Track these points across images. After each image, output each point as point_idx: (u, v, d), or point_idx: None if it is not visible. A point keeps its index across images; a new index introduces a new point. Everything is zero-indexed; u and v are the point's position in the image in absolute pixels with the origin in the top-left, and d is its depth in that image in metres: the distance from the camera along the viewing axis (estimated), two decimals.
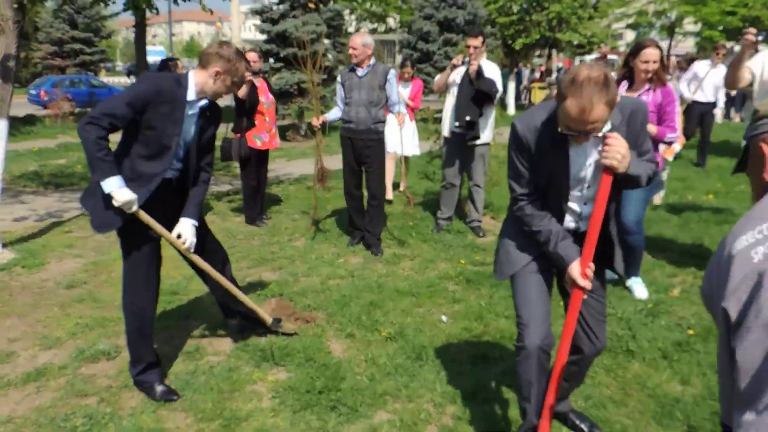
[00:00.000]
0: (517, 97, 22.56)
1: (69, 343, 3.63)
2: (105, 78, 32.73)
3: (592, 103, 1.91)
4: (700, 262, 4.94)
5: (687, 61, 11.48)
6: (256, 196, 6.29)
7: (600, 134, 2.07)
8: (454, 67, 5.44)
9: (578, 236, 2.34)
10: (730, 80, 4.06)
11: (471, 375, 3.25)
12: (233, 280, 3.47)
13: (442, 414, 2.92)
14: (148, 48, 22.06)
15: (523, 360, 2.38)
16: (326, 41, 14.98)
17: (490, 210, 6.52)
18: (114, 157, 2.81)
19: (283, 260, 5.10)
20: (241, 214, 6.43)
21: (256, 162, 6.20)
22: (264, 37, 15.32)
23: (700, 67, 8.73)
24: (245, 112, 6.01)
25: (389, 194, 6.84)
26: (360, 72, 5.18)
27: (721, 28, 17.32)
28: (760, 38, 3.78)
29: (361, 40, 5.06)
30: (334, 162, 6.64)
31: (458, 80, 5.52)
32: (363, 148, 5.23)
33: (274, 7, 14.71)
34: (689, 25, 18.34)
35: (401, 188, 7.03)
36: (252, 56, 6.04)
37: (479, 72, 5.32)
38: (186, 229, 3.06)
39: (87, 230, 6.04)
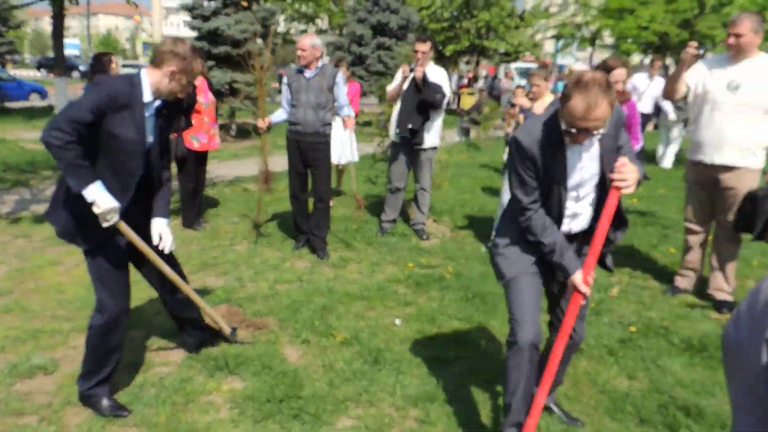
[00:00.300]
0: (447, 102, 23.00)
1: None
2: (12, 71, 30.70)
3: (597, 101, 2.05)
4: (633, 263, 5.19)
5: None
6: (194, 198, 6.08)
7: (598, 135, 2.17)
8: (406, 77, 5.43)
9: (570, 237, 2.45)
10: (669, 91, 4.29)
11: (430, 377, 3.26)
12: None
13: (405, 418, 2.91)
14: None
15: (514, 355, 2.44)
16: (259, 41, 14.71)
17: (432, 213, 6.58)
18: None
19: (227, 265, 4.94)
20: (177, 217, 6.19)
21: (193, 163, 5.99)
22: (194, 34, 14.87)
23: (639, 80, 9.22)
24: (182, 111, 5.79)
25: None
26: (308, 74, 5.10)
27: (630, 40, 18.39)
28: (701, 51, 4.00)
29: (310, 41, 4.99)
30: (272, 164, 6.50)
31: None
32: (310, 151, 5.16)
33: (205, 4, 14.29)
34: (608, 38, 19.35)
35: (354, 193, 6.79)
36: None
37: (425, 79, 5.36)
38: (165, 229, 3.00)
39: (5, 234, 5.65)
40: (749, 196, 3.87)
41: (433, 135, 5.61)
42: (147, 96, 2.77)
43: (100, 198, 2.58)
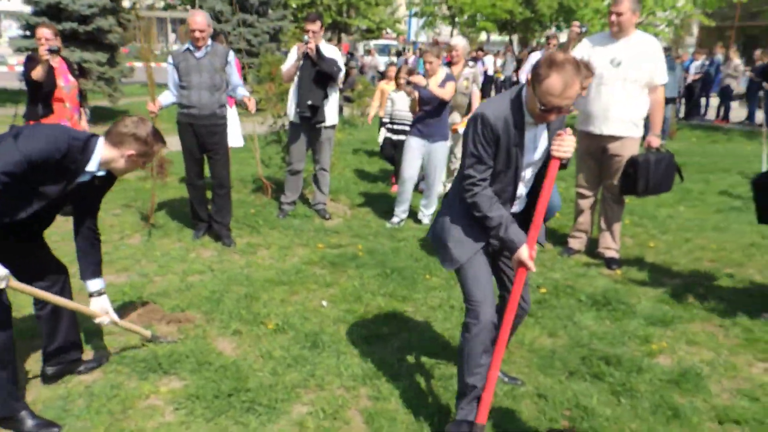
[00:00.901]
0: None
1: None
2: None
3: (573, 80, 2.15)
4: None
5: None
6: None
7: (567, 113, 2.29)
8: (306, 55, 5.30)
9: (514, 216, 2.55)
10: None
11: (370, 355, 3.30)
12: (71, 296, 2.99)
13: (357, 397, 2.94)
14: None
15: (477, 335, 2.48)
16: (111, 18, 13.56)
17: (330, 192, 6.56)
18: None
19: (125, 261, 4.59)
20: None
21: None
22: (28, 8, 13.37)
23: (536, 57, 9.76)
24: (41, 97, 5.22)
25: None
26: (198, 53, 4.83)
27: (481, 17, 19.45)
28: (583, 29, 4.33)
29: (206, 19, 4.71)
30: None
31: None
32: (208, 135, 4.91)
33: None
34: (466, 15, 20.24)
35: (259, 176, 6.44)
36: (46, 33, 5.25)
37: (319, 52, 5.30)
38: (108, 305, 2.96)
39: None
40: (632, 161, 4.31)
41: (333, 112, 5.58)
42: (92, 166, 2.61)
43: None
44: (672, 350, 3.37)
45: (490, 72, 19.50)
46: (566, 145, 2.36)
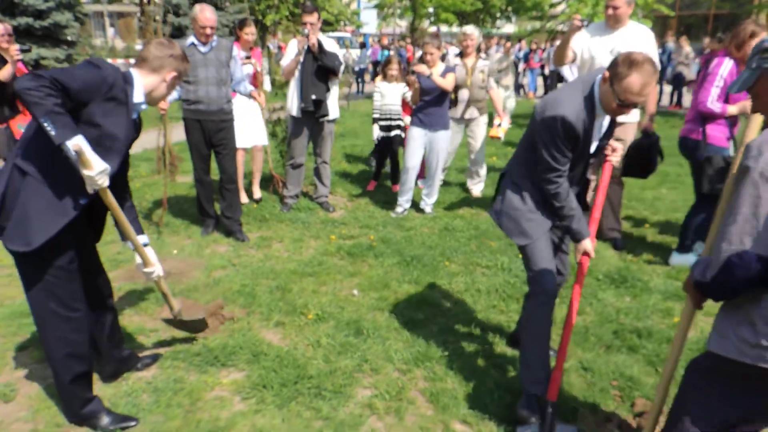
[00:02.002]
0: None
1: None
2: None
3: (651, 78, 2.31)
4: None
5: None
6: None
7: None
8: (308, 50, 5.33)
9: None
10: (558, 58, 4.82)
11: (414, 339, 3.43)
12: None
13: (414, 379, 3.06)
14: None
15: (542, 304, 2.71)
16: (67, 13, 13.12)
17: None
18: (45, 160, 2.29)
19: None
20: None
21: None
22: None
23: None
24: (6, 98, 5.09)
25: (257, 193, 6.13)
26: (203, 48, 4.81)
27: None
28: (585, 23, 4.51)
29: (215, 14, 4.70)
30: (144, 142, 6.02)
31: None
32: (216, 131, 4.90)
33: None
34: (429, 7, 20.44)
35: (271, 171, 6.25)
36: (5, 29, 5.11)
37: (320, 46, 5.34)
38: (153, 254, 2.84)
39: None
40: (635, 144, 4.55)
41: (334, 106, 5.64)
42: (138, 97, 2.55)
43: (90, 154, 2.22)
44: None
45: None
46: (618, 154, 2.73)
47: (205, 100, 4.82)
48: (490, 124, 6.40)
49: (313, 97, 5.39)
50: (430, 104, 5.51)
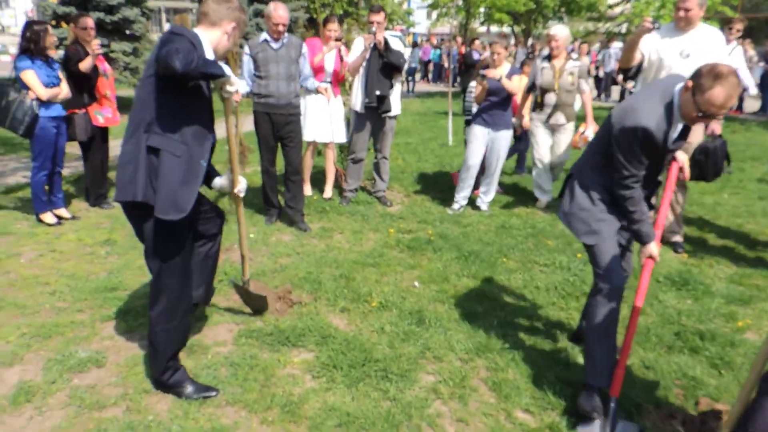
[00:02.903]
0: None
1: (31, 356, 3.09)
2: None
3: (735, 91, 2.38)
4: None
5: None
6: (102, 177, 5.83)
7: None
8: (374, 47, 5.48)
9: None
10: (624, 60, 4.81)
11: (474, 330, 3.52)
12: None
13: (476, 368, 3.16)
14: None
15: (608, 300, 2.76)
16: (135, 9, 13.63)
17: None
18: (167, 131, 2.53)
19: None
20: (81, 200, 5.89)
21: (99, 140, 5.67)
22: None
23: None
24: (87, 87, 5.38)
25: (308, 190, 6.18)
26: (275, 44, 5.00)
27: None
28: (656, 25, 4.49)
29: (287, 12, 4.88)
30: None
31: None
32: (284, 124, 5.09)
33: None
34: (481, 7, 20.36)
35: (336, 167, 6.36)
36: (89, 22, 5.40)
37: (386, 44, 5.48)
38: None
39: None
40: (702, 148, 4.52)
41: (397, 102, 5.76)
42: (210, 54, 2.69)
43: (232, 77, 2.61)
44: (757, 327, 3.61)
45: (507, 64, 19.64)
46: (685, 157, 2.94)
47: (275, 95, 5.01)
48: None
49: (378, 93, 5.53)
50: (495, 105, 5.58)
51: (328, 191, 6.18)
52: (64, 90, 5.10)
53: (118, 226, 5.13)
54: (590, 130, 5.67)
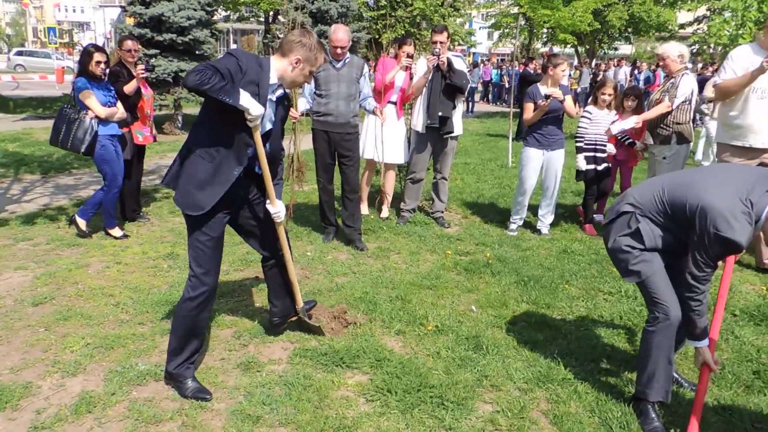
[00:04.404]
0: None
1: (93, 366, 3.17)
2: None
3: None
4: None
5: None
6: (137, 192, 6.00)
7: None
8: (437, 67, 5.47)
9: None
10: (726, 95, 4.53)
11: (534, 359, 3.39)
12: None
13: (536, 399, 3.02)
14: None
15: (664, 331, 2.74)
16: (205, 30, 14.16)
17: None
18: (204, 136, 2.81)
19: None
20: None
21: (137, 158, 5.83)
22: (131, 21, 14.11)
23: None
24: (129, 106, 5.55)
25: (365, 209, 6.17)
26: (338, 65, 5.05)
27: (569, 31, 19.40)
28: None
29: (347, 34, 4.93)
30: None
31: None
32: (342, 142, 5.12)
33: None
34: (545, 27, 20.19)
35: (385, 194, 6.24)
36: (132, 45, 5.59)
37: (450, 65, 5.45)
38: (282, 206, 3.18)
39: (0, 237, 5.25)
40: None
41: (458, 123, 5.71)
42: (273, 78, 2.89)
43: (252, 104, 2.69)
44: None
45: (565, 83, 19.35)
46: None
47: (335, 113, 5.05)
48: None
49: (440, 114, 5.50)
50: (548, 123, 5.46)
51: (386, 211, 6.16)
52: (120, 109, 5.27)
53: (180, 240, 5.26)
54: (630, 121, 5.42)
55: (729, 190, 2.48)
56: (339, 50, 4.95)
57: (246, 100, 2.67)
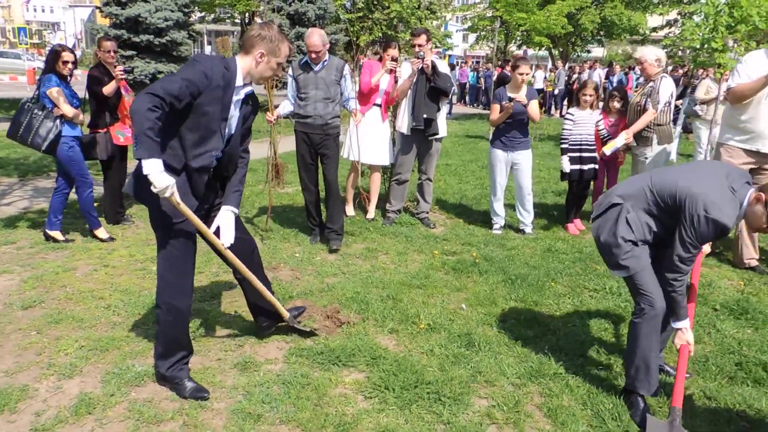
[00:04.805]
0: None
1: (89, 368, 3.16)
2: None
3: None
4: None
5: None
6: (120, 194, 5.91)
7: None
8: (421, 70, 5.54)
9: None
10: (741, 99, 4.58)
11: (526, 355, 3.47)
12: (260, 266, 3.43)
13: (529, 393, 3.10)
14: None
15: (651, 321, 2.87)
16: (182, 31, 14.07)
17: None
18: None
19: None
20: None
21: (118, 159, 5.77)
22: (106, 22, 13.96)
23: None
24: (109, 108, 5.52)
25: (350, 210, 6.33)
26: (316, 68, 5.09)
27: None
28: None
29: (321, 39, 4.94)
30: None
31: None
32: (320, 144, 5.15)
33: None
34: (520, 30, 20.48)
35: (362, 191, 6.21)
36: (111, 45, 5.55)
37: (435, 68, 5.52)
38: (227, 221, 3.04)
39: None
40: None
41: (443, 125, 5.79)
42: (239, 80, 2.86)
43: (156, 175, 2.54)
44: None
45: (539, 86, 19.65)
46: None
47: (313, 115, 5.10)
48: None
49: (425, 116, 5.57)
50: (514, 127, 5.58)
51: (371, 212, 6.21)
52: (80, 112, 5.19)
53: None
54: (620, 138, 5.47)
55: (714, 179, 2.67)
56: (314, 55, 4.98)
57: (152, 166, 2.54)
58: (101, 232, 5.33)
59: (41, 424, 2.66)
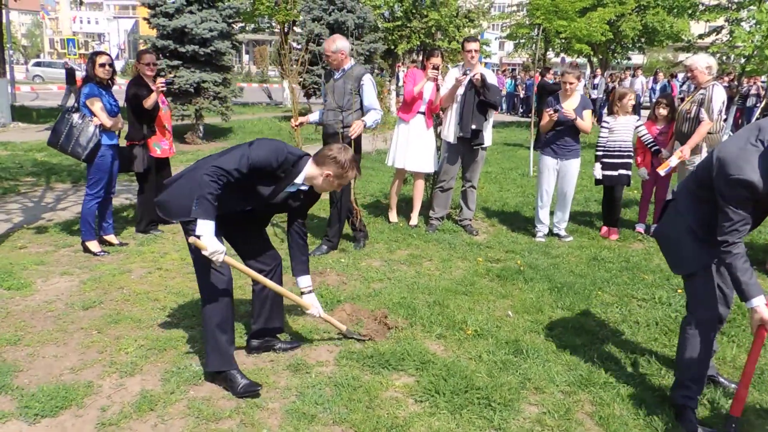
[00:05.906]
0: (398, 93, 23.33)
1: (149, 367, 3.28)
2: None
3: None
4: None
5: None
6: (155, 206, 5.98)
7: None
8: (472, 83, 5.58)
9: None
10: None
11: (575, 363, 3.46)
12: (281, 280, 3.51)
13: (579, 401, 3.09)
14: None
15: (707, 330, 2.84)
16: (226, 42, 14.36)
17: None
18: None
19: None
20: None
21: (154, 171, 5.83)
22: (153, 32, 14.34)
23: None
24: (147, 120, 5.63)
25: (393, 217, 6.37)
26: (335, 75, 5.16)
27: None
28: None
29: (333, 46, 5.00)
30: None
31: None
32: None
33: (169, 1, 13.80)
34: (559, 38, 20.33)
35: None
36: (151, 58, 5.66)
37: (484, 81, 5.54)
38: (312, 299, 3.41)
39: (42, 244, 5.41)
40: None
41: (489, 134, 5.82)
42: (299, 179, 3.08)
43: (208, 237, 2.82)
44: None
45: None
46: None
47: (325, 122, 5.22)
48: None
49: (473, 127, 5.59)
50: (563, 134, 5.59)
51: (415, 219, 6.25)
52: (120, 119, 5.30)
53: None
54: (674, 158, 5.41)
55: (738, 139, 2.59)
56: (326, 58, 5.07)
57: (206, 227, 2.81)
58: (93, 245, 5.25)
59: (107, 419, 2.78)
